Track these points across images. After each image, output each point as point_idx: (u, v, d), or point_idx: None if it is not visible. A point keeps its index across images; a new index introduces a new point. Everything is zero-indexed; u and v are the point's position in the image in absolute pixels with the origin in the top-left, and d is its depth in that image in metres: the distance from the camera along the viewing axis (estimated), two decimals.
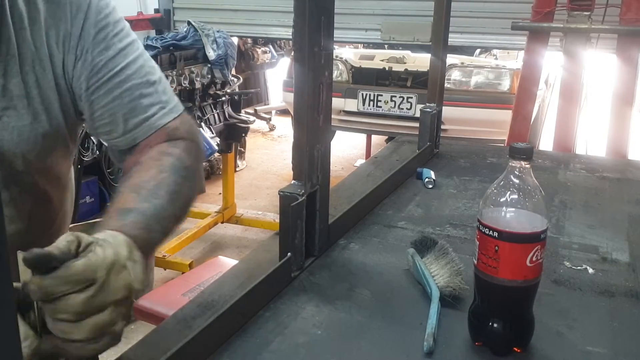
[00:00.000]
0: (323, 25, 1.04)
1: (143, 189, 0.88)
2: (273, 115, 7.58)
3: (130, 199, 0.86)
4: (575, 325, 0.97)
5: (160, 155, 0.95)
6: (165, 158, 0.94)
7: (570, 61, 3.06)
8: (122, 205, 0.85)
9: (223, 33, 3.81)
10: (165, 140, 0.98)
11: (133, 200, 0.85)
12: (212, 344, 0.88)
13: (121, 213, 0.83)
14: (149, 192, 0.87)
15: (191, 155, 0.99)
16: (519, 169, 0.85)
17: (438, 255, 1.08)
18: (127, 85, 0.96)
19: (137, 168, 0.93)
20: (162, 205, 0.87)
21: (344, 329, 0.95)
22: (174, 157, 0.95)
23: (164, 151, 0.96)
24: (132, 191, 0.87)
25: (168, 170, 0.92)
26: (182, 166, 0.95)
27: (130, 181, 0.90)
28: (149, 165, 0.93)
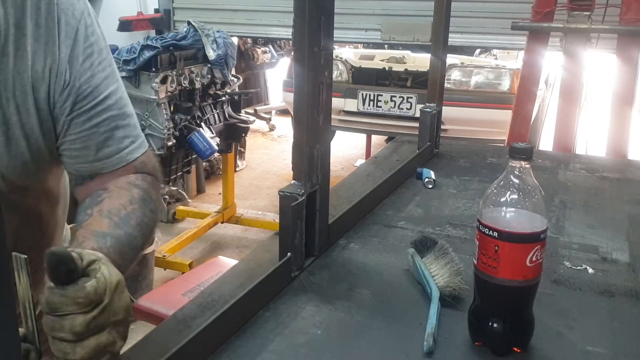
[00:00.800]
0: (323, 25, 1.04)
1: (115, 215, 0.88)
2: (273, 115, 7.58)
3: (105, 224, 0.86)
4: (575, 325, 0.97)
5: (130, 187, 0.96)
6: (135, 190, 0.96)
7: (570, 61, 3.06)
8: (97, 228, 0.85)
9: (223, 33, 3.80)
10: (132, 172, 0.99)
11: (107, 226, 0.86)
12: (212, 344, 0.88)
13: (98, 236, 0.83)
14: (121, 220, 0.88)
15: (156, 191, 1.01)
16: (519, 169, 0.85)
17: (438, 255, 1.08)
18: (106, 115, 0.96)
19: (106, 195, 0.93)
20: (133, 235, 0.88)
21: (344, 329, 0.95)
22: (143, 190, 0.97)
23: (133, 183, 0.97)
24: (104, 217, 0.88)
25: (137, 203, 0.94)
26: (150, 199, 0.97)
27: (101, 206, 0.90)
28: (119, 194, 0.93)
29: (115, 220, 0.88)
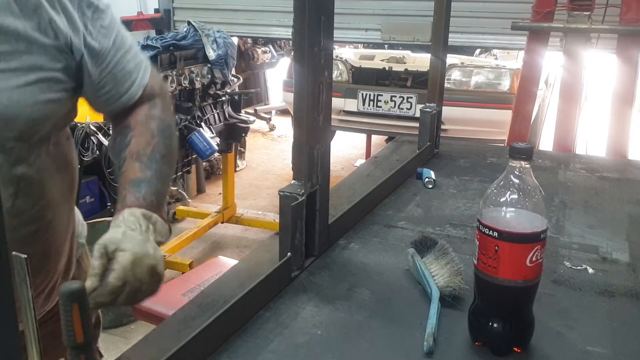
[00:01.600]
0: (323, 25, 1.04)
1: (143, 156, 1.04)
2: (273, 115, 7.58)
3: (136, 168, 1.02)
4: (575, 325, 0.97)
5: (148, 120, 1.09)
6: (152, 122, 1.09)
7: (570, 61, 3.06)
8: (132, 177, 1.02)
9: (223, 33, 3.81)
10: (145, 100, 1.11)
11: (140, 170, 1.02)
12: (212, 344, 0.88)
13: (134, 185, 1.00)
14: (148, 160, 1.04)
15: (168, 111, 1.15)
16: (519, 169, 0.85)
17: (438, 255, 1.08)
18: (121, 53, 1.07)
19: (131, 134, 1.07)
20: (161, 169, 1.05)
21: (344, 329, 0.95)
22: (159, 120, 1.10)
23: (149, 115, 1.10)
24: (135, 160, 1.03)
25: (157, 135, 1.08)
26: (166, 126, 1.11)
27: (130, 148, 1.05)
28: (141, 132, 1.07)
29: (144, 161, 1.03)
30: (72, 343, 0.74)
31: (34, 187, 1.01)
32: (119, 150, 1.07)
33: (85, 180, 3.87)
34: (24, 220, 1.00)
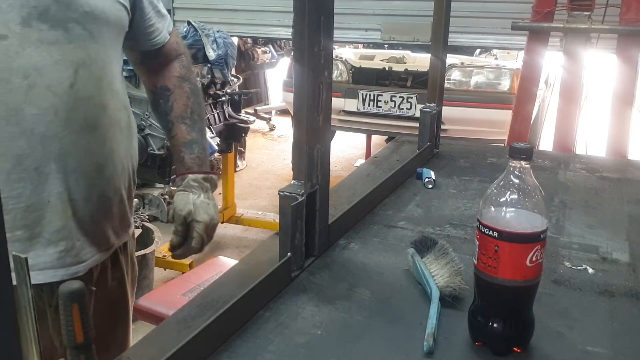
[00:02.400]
0: (323, 25, 1.04)
1: (186, 118, 1.31)
2: (273, 115, 7.58)
3: (184, 131, 1.31)
4: (575, 325, 0.97)
5: (181, 83, 1.34)
6: (185, 85, 1.35)
7: (570, 61, 3.06)
8: (183, 140, 1.30)
9: (223, 33, 3.80)
10: (174, 55, 1.36)
11: (187, 132, 1.30)
12: (212, 344, 0.88)
13: (187, 147, 1.30)
14: (191, 121, 1.31)
15: (191, 71, 1.40)
16: (519, 169, 0.85)
17: (438, 255, 1.08)
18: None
19: (172, 98, 1.33)
20: (201, 127, 1.34)
21: (344, 329, 0.95)
22: (189, 82, 1.36)
23: (181, 76, 1.35)
24: (181, 123, 1.31)
25: (192, 96, 1.34)
26: (195, 87, 1.38)
27: (174, 112, 1.32)
28: (178, 95, 1.33)
29: (188, 123, 1.31)
30: (72, 343, 0.74)
31: (93, 72, 1.11)
32: (164, 112, 1.32)
33: None
34: (88, 106, 1.10)
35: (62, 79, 1.05)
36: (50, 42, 1.04)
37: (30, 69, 1.01)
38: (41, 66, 1.02)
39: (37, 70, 1.02)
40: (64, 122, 1.05)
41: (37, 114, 1.02)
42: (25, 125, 1.01)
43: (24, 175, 1.03)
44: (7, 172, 1.02)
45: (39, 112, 1.02)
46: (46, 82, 1.03)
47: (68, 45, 1.06)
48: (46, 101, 1.03)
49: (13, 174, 1.02)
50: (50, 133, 1.04)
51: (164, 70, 1.35)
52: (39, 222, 1.06)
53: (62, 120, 1.05)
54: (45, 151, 1.04)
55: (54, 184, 1.06)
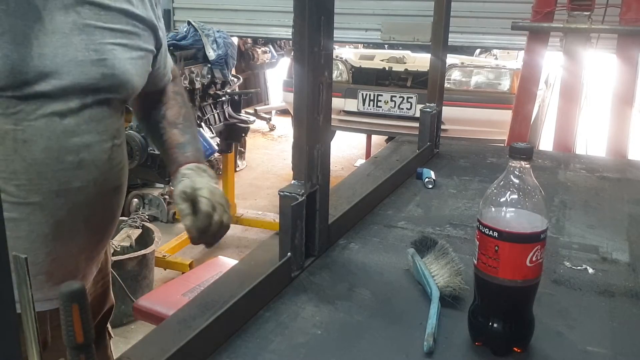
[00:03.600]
0: (323, 25, 1.04)
1: (179, 124, 1.29)
2: (273, 115, 7.58)
3: (177, 134, 1.27)
4: (575, 325, 0.97)
5: (174, 95, 1.35)
6: (178, 97, 1.36)
7: (570, 61, 3.06)
8: (176, 142, 1.26)
9: (223, 33, 3.80)
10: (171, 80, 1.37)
11: (180, 135, 1.27)
12: (212, 344, 0.88)
13: (180, 148, 1.25)
14: (183, 125, 1.29)
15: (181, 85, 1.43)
16: (519, 169, 0.85)
17: (438, 255, 1.08)
18: (164, 42, 1.31)
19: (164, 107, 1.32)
20: (193, 131, 1.32)
21: (344, 329, 0.95)
22: (180, 94, 1.37)
23: (175, 90, 1.36)
24: (174, 127, 1.29)
25: (183, 106, 1.35)
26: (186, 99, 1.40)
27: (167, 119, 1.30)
28: (171, 105, 1.33)
29: (180, 127, 1.29)
30: (72, 343, 0.74)
31: (122, 144, 1.19)
32: (156, 121, 1.31)
33: None
34: (115, 171, 1.16)
35: (103, 152, 1.11)
36: (97, 119, 1.09)
37: (82, 147, 1.06)
38: (90, 143, 1.08)
39: (86, 147, 1.07)
40: (99, 190, 1.12)
41: (80, 187, 1.07)
42: (70, 198, 1.07)
43: (59, 236, 1.08)
44: (45, 235, 1.06)
45: (82, 185, 1.08)
46: (92, 157, 1.08)
47: (109, 120, 1.12)
48: (90, 175, 1.09)
49: (50, 236, 1.07)
50: (87, 201, 1.10)
51: None
52: (58, 269, 1.12)
53: (99, 188, 1.11)
54: (77, 215, 1.10)
55: (79, 240, 1.13)
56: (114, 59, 1.08)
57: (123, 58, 1.10)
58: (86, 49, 1.04)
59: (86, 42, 1.05)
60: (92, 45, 1.06)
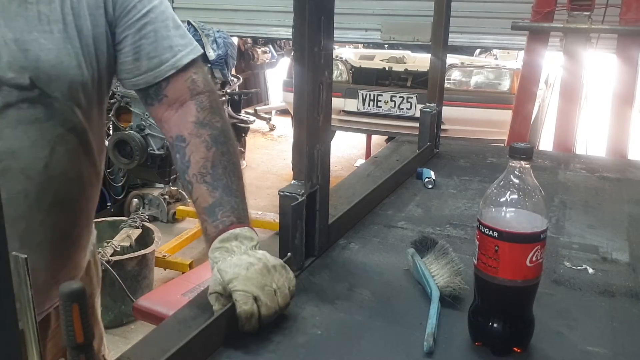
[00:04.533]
0: (323, 25, 1.04)
1: (206, 175, 1.02)
2: (273, 115, 7.58)
3: (206, 192, 1.01)
4: (575, 325, 0.97)
5: (198, 130, 1.05)
6: (204, 131, 1.05)
7: (570, 61, 3.06)
8: (204, 204, 1.01)
9: (223, 33, 3.81)
10: (190, 97, 1.07)
11: (208, 194, 1.01)
12: (212, 344, 0.88)
13: (209, 214, 1.00)
14: (212, 178, 1.02)
15: (216, 113, 1.09)
16: (519, 169, 0.85)
17: (438, 255, 1.08)
18: (150, 28, 1.05)
19: (188, 150, 1.04)
20: (227, 183, 1.02)
21: (344, 329, 0.95)
22: (209, 127, 1.06)
23: (199, 122, 1.06)
24: (201, 183, 1.02)
25: (213, 144, 1.04)
26: (219, 132, 1.06)
27: (192, 170, 1.03)
28: (195, 146, 1.04)
29: (209, 181, 1.01)
30: (72, 343, 0.74)
31: (72, 151, 1.02)
32: (182, 170, 1.05)
33: None
34: (58, 183, 1.01)
35: (37, 160, 0.97)
36: (28, 121, 0.95)
37: (5, 153, 0.93)
38: (16, 149, 0.94)
39: (12, 153, 0.94)
40: (33, 203, 0.98)
41: (7, 199, 0.89)
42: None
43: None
44: None
45: (9, 197, 0.94)
46: (21, 165, 0.95)
47: (46, 123, 0.97)
48: (18, 185, 0.96)
49: None
50: (17, 214, 0.97)
51: (178, 116, 1.08)
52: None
53: (32, 200, 0.98)
54: (11, 230, 0.94)
55: None
56: (39, 49, 0.94)
57: (51, 47, 0.95)
58: (2, 37, 0.91)
59: (3, 30, 0.91)
60: (11, 34, 0.92)
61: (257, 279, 0.89)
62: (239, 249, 0.95)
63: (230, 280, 0.89)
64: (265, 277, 0.90)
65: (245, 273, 0.89)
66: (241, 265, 0.90)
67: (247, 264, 0.91)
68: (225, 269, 0.91)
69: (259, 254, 0.94)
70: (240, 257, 0.93)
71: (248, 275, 0.89)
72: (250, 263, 0.91)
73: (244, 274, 0.89)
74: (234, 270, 0.90)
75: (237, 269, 0.90)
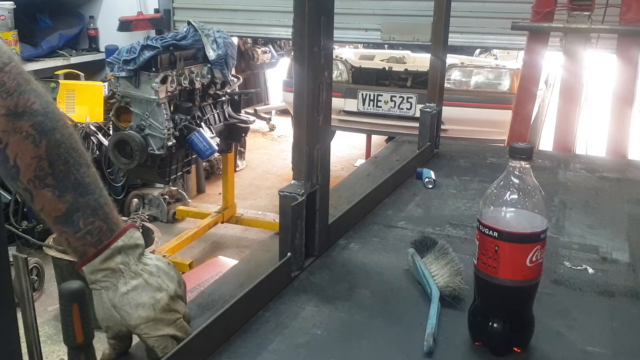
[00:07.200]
0: (323, 25, 1.04)
1: (46, 177, 0.79)
2: (273, 115, 7.58)
3: (51, 198, 0.80)
4: (575, 325, 0.97)
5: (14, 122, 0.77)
6: (21, 123, 0.77)
7: (570, 61, 3.06)
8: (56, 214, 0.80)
9: (223, 33, 3.80)
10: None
11: (55, 199, 0.79)
12: (212, 344, 0.88)
13: (66, 224, 0.80)
14: (55, 179, 0.79)
15: (27, 91, 0.79)
16: (519, 169, 0.85)
17: (438, 255, 1.08)
18: None
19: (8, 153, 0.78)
20: (76, 177, 0.81)
21: (344, 329, 0.95)
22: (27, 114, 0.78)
23: (11, 112, 0.77)
24: (42, 188, 0.79)
25: (40, 137, 0.78)
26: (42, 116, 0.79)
27: (22, 177, 0.79)
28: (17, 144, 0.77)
29: (52, 184, 0.79)
30: (72, 343, 0.74)
31: None
32: (12, 177, 0.79)
33: None
34: None
35: None
36: None
37: None
38: None
39: None
40: None
41: None
42: None
43: None
44: None
45: None
46: None
47: None
48: None
49: None
50: None
51: None
52: None
53: None
54: None
55: None
56: None
57: None
58: None
59: None
60: None
61: (167, 318, 0.82)
62: (126, 268, 0.81)
63: (137, 325, 0.80)
64: (172, 311, 0.83)
65: (154, 315, 0.80)
66: (145, 305, 0.80)
67: (150, 301, 0.80)
68: (126, 309, 0.80)
69: (150, 268, 0.83)
70: (134, 284, 0.81)
71: (157, 317, 0.81)
72: (155, 300, 0.81)
73: (153, 316, 0.80)
74: (139, 313, 0.80)
75: (143, 311, 0.80)
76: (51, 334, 2.88)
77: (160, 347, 0.81)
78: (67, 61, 4.43)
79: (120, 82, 3.28)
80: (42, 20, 4.52)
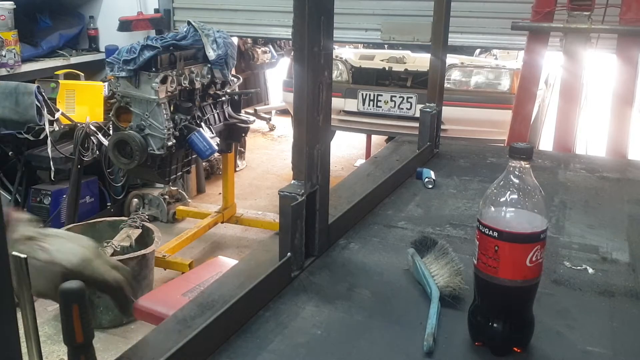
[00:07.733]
0: (323, 25, 1.04)
1: None
2: (273, 115, 7.58)
3: None
4: (575, 325, 0.97)
5: None
6: None
7: (570, 61, 3.06)
8: None
9: (223, 33, 3.80)
10: None
11: None
12: (212, 344, 0.88)
13: None
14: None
15: None
16: (519, 169, 0.85)
17: (438, 255, 1.08)
18: None
19: None
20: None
21: (344, 329, 0.95)
22: None
23: None
24: None
25: None
26: None
27: None
28: None
29: None
30: (72, 343, 0.74)
31: None
32: None
33: (85, 180, 3.87)
34: None
35: None
36: None
37: None
38: None
39: None
40: None
41: None
42: None
43: None
44: None
45: None
46: None
47: None
48: None
49: None
50: None
51: None
52: None
53: None
54: None
55: None
56: None
57: None
58: None
59: None
60: None
61: (103, 259, 0.86)
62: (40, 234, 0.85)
63: (79, 264, 0.84)
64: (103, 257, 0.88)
65: (89, 253, 0.85)
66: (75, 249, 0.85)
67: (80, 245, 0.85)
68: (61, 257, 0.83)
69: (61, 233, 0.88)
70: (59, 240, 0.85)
71: (92, 255, 0.85)
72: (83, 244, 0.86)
73: (89, 254, 0.85)
74: (74, 253, 0.84)
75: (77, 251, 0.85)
76: (51, 334, 2.88)
77: (110, 278, 0.84)
78: (67, 61, 4.43)
79: (120, 82, 3.28)
80: (42, 20, 4.52)
